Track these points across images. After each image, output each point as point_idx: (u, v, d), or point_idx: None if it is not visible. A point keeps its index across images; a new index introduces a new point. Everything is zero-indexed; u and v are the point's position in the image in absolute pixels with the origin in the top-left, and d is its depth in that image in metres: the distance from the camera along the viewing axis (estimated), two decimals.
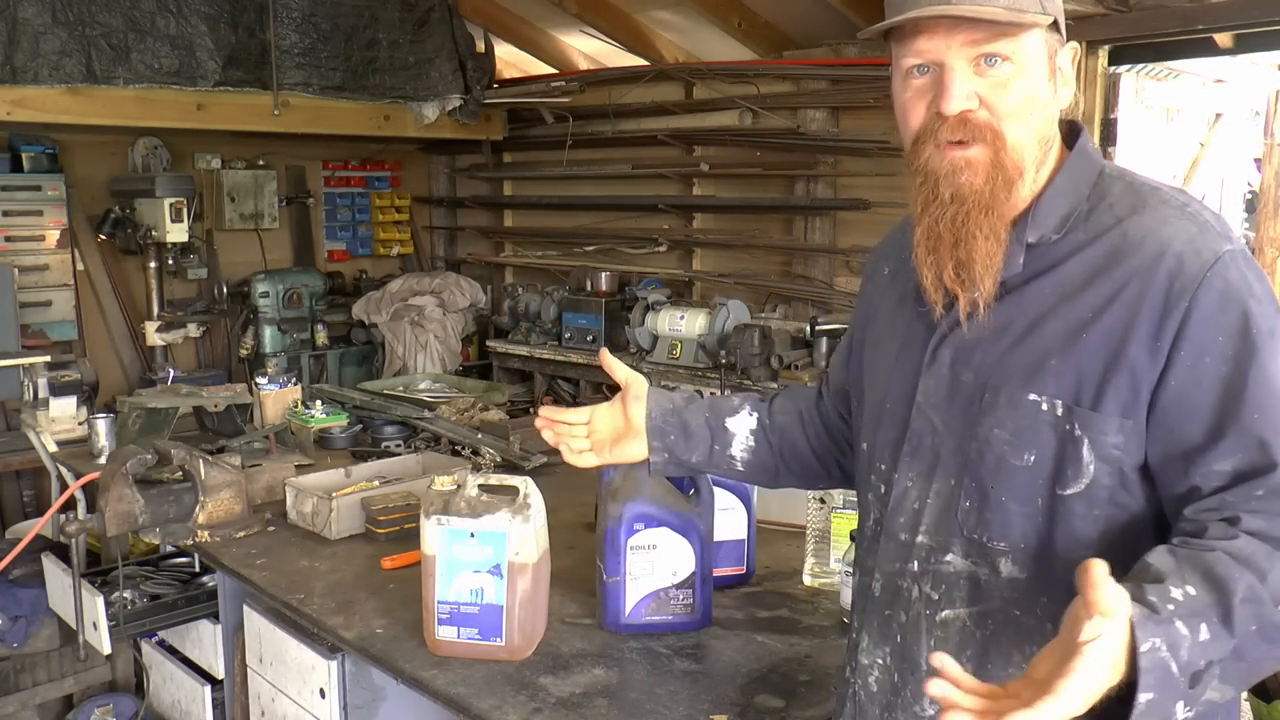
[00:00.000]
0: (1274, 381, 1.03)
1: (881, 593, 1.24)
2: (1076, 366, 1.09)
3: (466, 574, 1.72)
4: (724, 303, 4.35)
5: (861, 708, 1.26)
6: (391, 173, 6.19)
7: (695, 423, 1.52)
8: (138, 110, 4.27)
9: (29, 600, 3.24)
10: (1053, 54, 1.15)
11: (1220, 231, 1.09)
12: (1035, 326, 1.12)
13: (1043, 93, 1.13)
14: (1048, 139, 1.16)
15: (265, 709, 2.24)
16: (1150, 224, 1.10)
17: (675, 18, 4.98)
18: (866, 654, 1.25)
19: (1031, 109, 1.12)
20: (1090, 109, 3.72)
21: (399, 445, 3.14)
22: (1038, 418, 1.10)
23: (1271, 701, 2.98)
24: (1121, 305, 1.07)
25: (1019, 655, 1.12)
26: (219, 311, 5.24)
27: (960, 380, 1.17)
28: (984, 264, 1.13)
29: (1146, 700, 0.89)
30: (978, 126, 1.11)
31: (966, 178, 1.12)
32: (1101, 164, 1.18)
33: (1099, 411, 1.07)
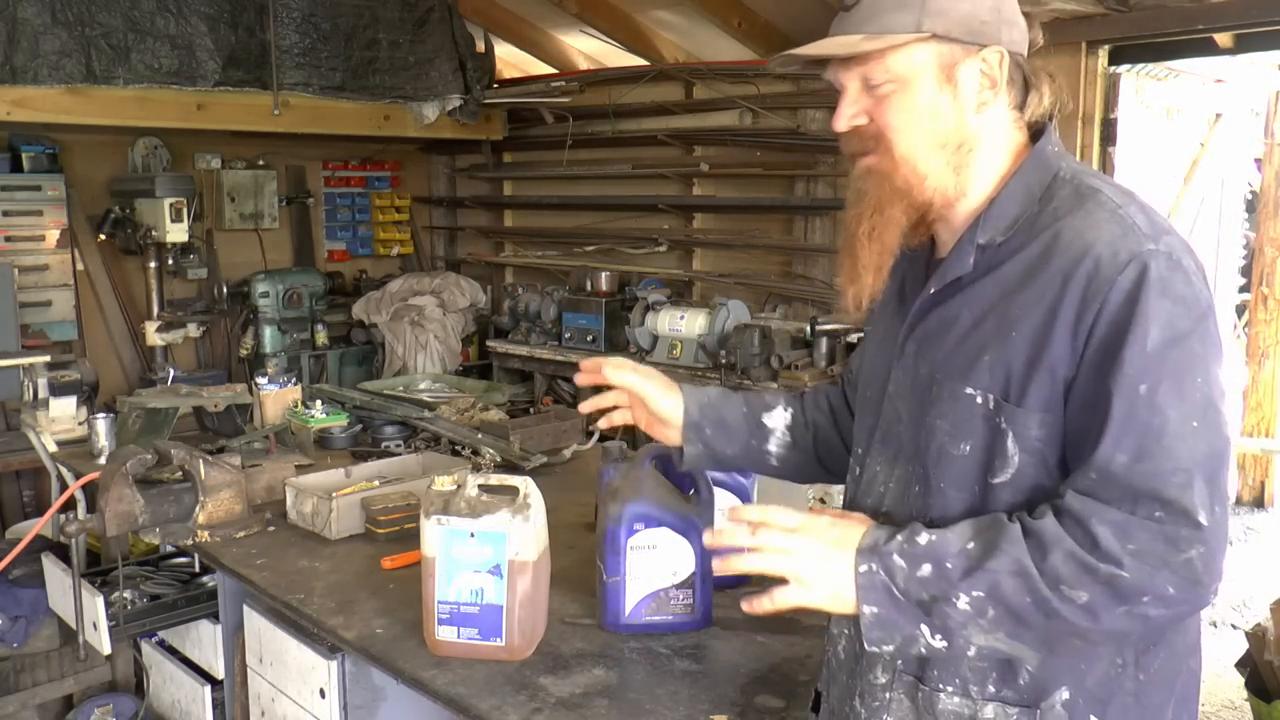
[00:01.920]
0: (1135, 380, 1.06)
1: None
2: (1006, 362, 1.14)
3: (466, 574, 1.72)
4: (724, 303, 4.36)
5: (834, 674, 1.36)
6: (391, 173, 6.19)
7: (732, 418, 1.59)
8: (138, 110, 4.27)
9: (29, 600, 3.24)
10: (949, 65, 1.19)
11: (1147, 233, 1.11)
12: (978, 323, 1.18)
13: (931, 104, 1.19)
14: (959, 145, 1.20)
15: (265, 709, 2.24)
16: (1079, 226, 1.14)
17: (675, 18, 4.98)
18: (836, 625, 1.35)
19: (918, 120, 1.19)
20: (1090, 109, 3.72)
21: (399, 445, 3.14)
22: (973, 410, 1.17)
23: (1271, 701, 2.98)
24: (1046, 305, 1.12)
25: None
26: (219, 311, 5.24)
27: (920, 372, 1.24)
28: (865, 263, 1.23)
29: (871, 612, 1.12)
30: (867, 137, 1.22)
31: (863, 183, 1.24)
32: (1058, 166, 1.22)
33: (1022, 406, 1.13)
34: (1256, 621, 3.24)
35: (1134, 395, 1.07)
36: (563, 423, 3.16)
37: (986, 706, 1.16)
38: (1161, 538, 1.05)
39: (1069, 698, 1.15)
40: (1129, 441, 1.07)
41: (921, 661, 1.20)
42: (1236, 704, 3.66)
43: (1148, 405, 1.06)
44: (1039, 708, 1.15)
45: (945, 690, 1.19)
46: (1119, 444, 1.07)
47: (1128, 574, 1.04)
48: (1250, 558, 5.16)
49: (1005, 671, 1.16)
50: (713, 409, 1.58)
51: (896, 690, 1.23)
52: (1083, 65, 3.69)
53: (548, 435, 3.08)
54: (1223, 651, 3.99)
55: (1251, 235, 6.09)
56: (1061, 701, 1.14)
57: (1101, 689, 1.15)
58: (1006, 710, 1.16)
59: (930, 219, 1.25)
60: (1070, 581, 1.06)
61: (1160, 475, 1.06)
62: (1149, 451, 1.06)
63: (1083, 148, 3.75)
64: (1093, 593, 1.05)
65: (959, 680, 1.18)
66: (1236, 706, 3.66)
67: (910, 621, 1.12)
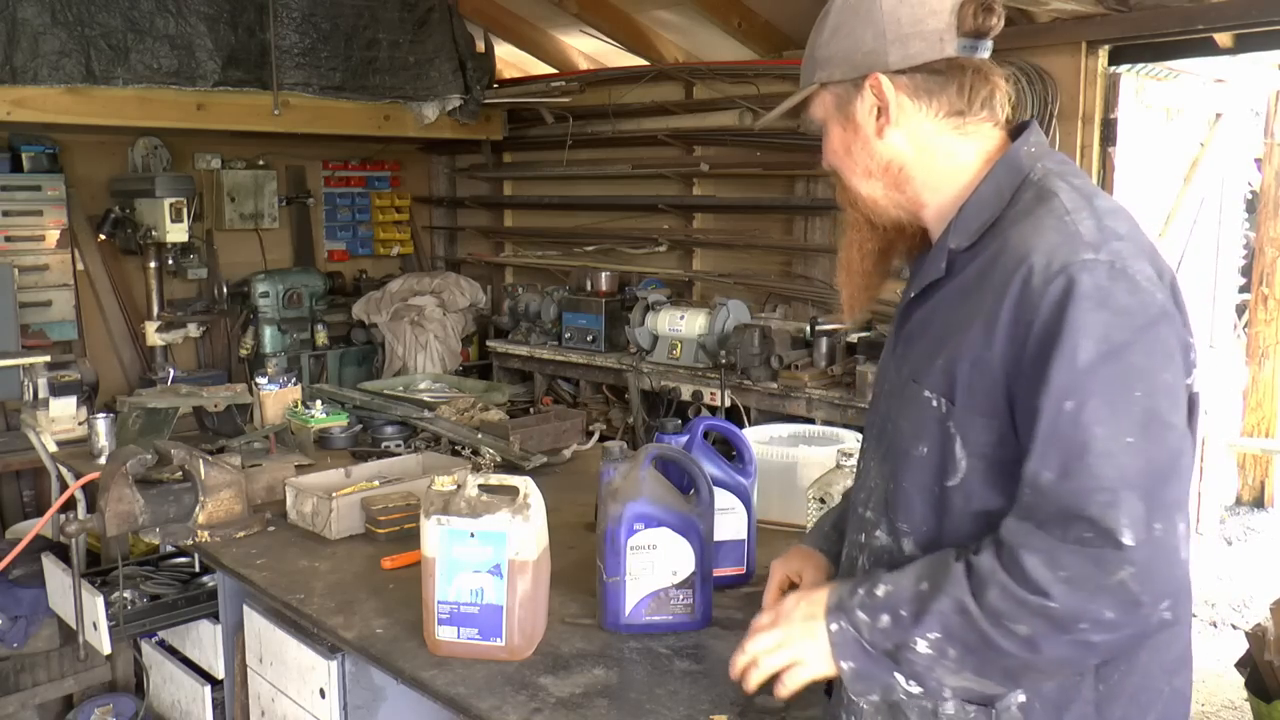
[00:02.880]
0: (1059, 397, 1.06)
1: (845, 560, 1.40)
2: (952, 366, 1.16)
3: (466, 574, 1.72)
4: (724, 303, 4.35)
5: None
6: (391, 173, 6.19)
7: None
8: (138, 110, 4.27)
9: (29, 600, 3.24)
10: (843, 104, 1.27)
11: (1089, 241, 1.09)
12: (939, 326, 1.22)
13: (843, 141, 1.29)
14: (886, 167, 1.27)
15: (265, 709, 2.24)
16: (1025, 232, 1.14)
17: (675, 18, 4.98)
18: None
19: (842, 159, 1.30)
20: (1090, 109, 3.72)
21: (399, 445, 3.14)
22: (928, 412, 1.19)
23: (1271, 701, 2.98)
24: (987, 311, 1.13)
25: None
26: (219, 311, 5.24)
27: (901, 373, 1.28)
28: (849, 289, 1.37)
29: (849, 667, 1.18)
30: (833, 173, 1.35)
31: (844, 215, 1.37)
32: (1029, 168, 1.21)
33: (968, 410, 1.15)
34: (1256, 621, 3.24)
35: (1058, 412, 1.06)
36: (563, 423, 3.16)
37: (947, 703, 1.18)
38: (1090, 561, 1.03)
39: (1025, 701, 1.16)
40: (1054, 459, 1.06)
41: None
42: (1236, 704, 3.66)
43: (1072, 422, 1.05)
44: (995, 708, 1.17)
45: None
46: (1045, 461, 1.07)
47: (1056, 604, 1.04)
48: (1250, 558, 5.16)
49: None
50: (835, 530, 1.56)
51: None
52: (1083, 65, 3.69)
53: (548, 435, 3.08)
54: (1223, 651, 3.99)
55: (1251, 235, 6.08)
56: (1018, 704, 1.16)
57: (1059, 696, 1.15)
58: (965, 707, 1.18)
59: (911, 232, 1.31)
60: (1009, 616, 1.07)
61: (1084, 494, 1.04)
62: (1073, 470, 1.05)
63: (1083, 148, 3.75)
64: (1031, 625, 1.06)
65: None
66: (1236, 706, 3.66)
67: (884, 671, 1.16)
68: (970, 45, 1.22)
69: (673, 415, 4.12)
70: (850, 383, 3.86)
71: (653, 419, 4.39)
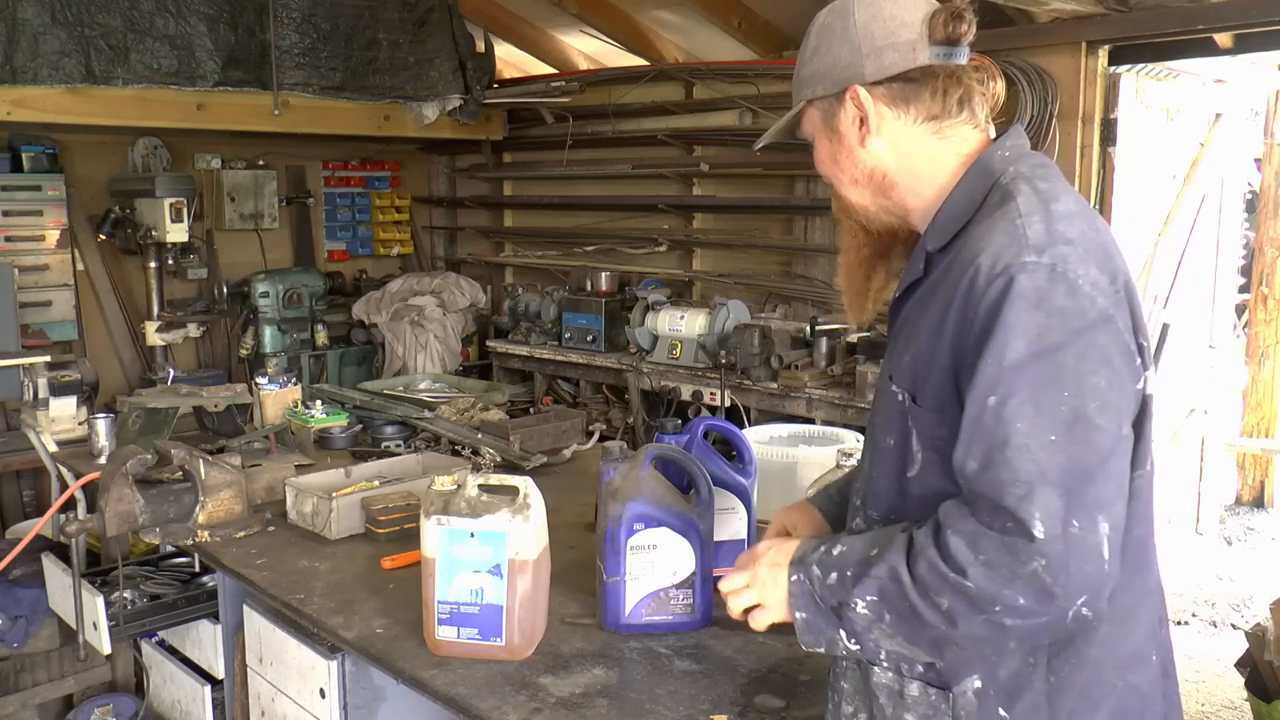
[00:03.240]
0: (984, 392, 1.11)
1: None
2: (914, 363, 1.23)
3: (466, 574, 1.72)
4: (724, 303, 4.35)
5: None
6: (391, 173, 6.19)
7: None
8: (138, 110, 4.27)
9: (29, 600, 3.24)
10: (828, 118, 1.33)
11: (1035, 245, 1.12)
12: (910, 326, 1.27)
13: (831, 153, 1.35)
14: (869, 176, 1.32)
15: (265, 709, 2.24)
16: (979, 234, 1.19)
17: (675, 18, 4.98)
18: None
19: (832, 171, 1.36)
20: (1090, 109, 3.72)
21: (399, 445, 3.14)
22: (895, 406, 1.26)
23: (1271, 701, 2.98)
24: (940, 311, 1.19)
25: None
26: (219, 311, 5.24)
27: (883, 371, 1.36)
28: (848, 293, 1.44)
29: (801, 618, 1.26)
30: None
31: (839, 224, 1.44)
32: (1001, 172, 1.25)
33: (922, 406, 1.22)
34: (1256, 621, 3.24)
35: (983, 406, 1.11)
36: (563, 423, 3.16)
37: (912, 684, 1.24)
38: (1006, 549, 1.08)
39: (980, 686, 1.20)
40: (977, 450, 1.11)
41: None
42: (1236, 704, 3.66)
43: (994, 416, 1.10)
44: (952, 691, 1.22)
45: (880, 665, 1.27)
46: (969, 451, 1.12)
47: (972, 584, 1.09)
48: (1250, 558, 5.16)
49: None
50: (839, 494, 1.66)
51: (849, 662, 1.33)
52: (1083, 65, 3.69)
53: (548, 435, 3.08)
54: (1223, 651, 3.99)
55: (1251, 235, 6.09)
56: (973, 689, 1.21)
57: (1011, 683, 1.19)
58: (928, 690, 1.23)
59: (904, 235, 1.36)
60: (933, 589, 1.13)
61: (1000, 485, 1.09)
62: (993, 461, 1.10)
63: (1083, 148, 3.75)
64: (951, 600, 1.12)
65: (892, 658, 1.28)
66: (1236, 706, 3.66)
67: (830, 626, 1.24)
68: (944, 53, 1.26)
69: (673, 415, 4.12)
70: (850, 383, 3.86)
71: (653, 419, 4.39)
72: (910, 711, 1.24)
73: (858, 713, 1.32)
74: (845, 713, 1.33)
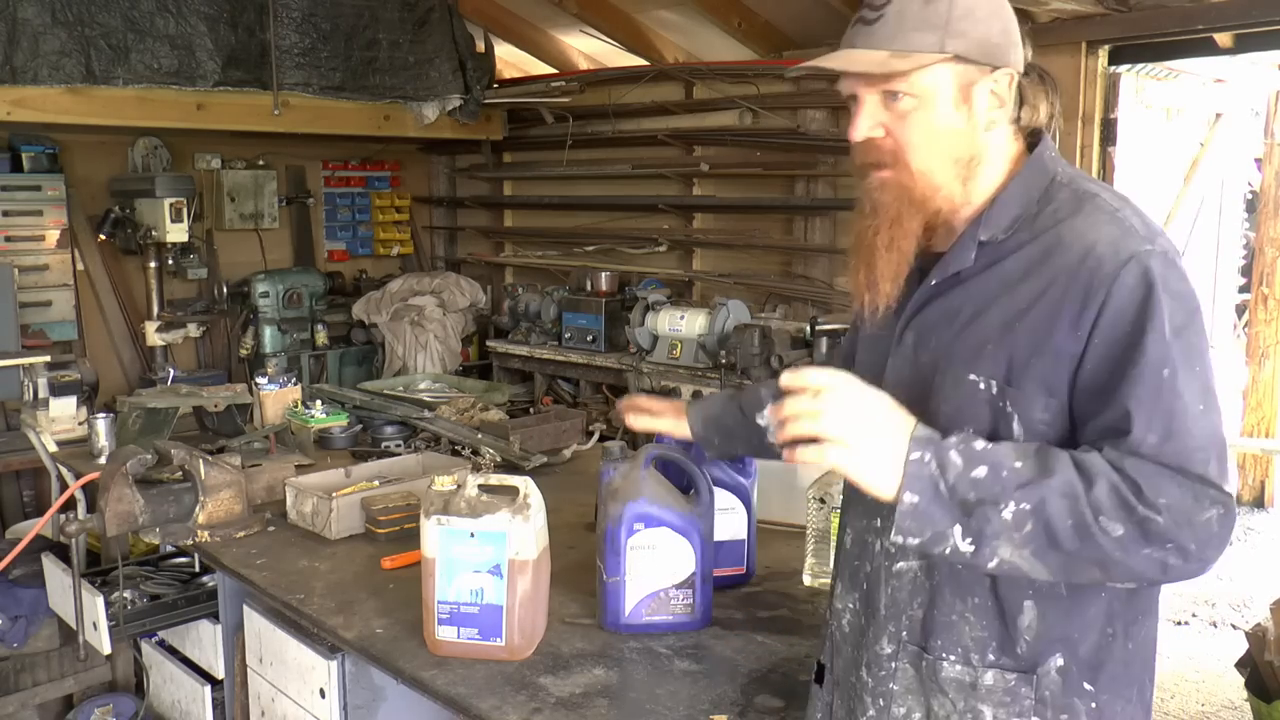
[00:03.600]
0: (1158, 366, 1.13)
1: (852, 546, 1.40)
2: (1009, 351, 1.21)
3: (466, 574, 1.72)
4: (724, 303, 4.35)
5: (837, 646, 1.41)
6: (391, 173, 6.19)
7: (733, 422, 1.78)
8: (138, 110, 4.27)
9: (29, 600, 3.24)
10: (966, 85, 1.25)
11: (1144, 235, 1.19)
12: (979, 314, 1.25)
13: (948, 122, 1.25)
14: (969, 159, 1.27)
15: (265, 709, 2.24)
16: (1081, 227, 1.21)
17: (675, 18, 4.98)
18: (840, 599, 1.41)
19: (935, 137, 1.25)
20: (1090, 109, 3.72)
21: (399, 445, 3.14)
22: (976, 396, 1.23)
23: (1272, 701, 2.98)
24: (1049, 298, 1.19)
25: (960, 604, 1.25)
26: (219, 311, 5.24)
27: (920, 361, 1.30)
28: (882, 272, 1.29)
29: (911, 501, 1.13)
30: (884, 152, 1.27)
31: (879, 195, 1.29)
32: (1055, 171, 1.29)
33: (1024, 390, 1.20)
34: (1256, 621, 3.24)
35: (1159, 380, 1.13)
36: (563, 423, 3.16)
37: (987, 673, 1.22)
38: (1190, 495, 1.10)
39: (1063, 664, 1.21)
40: (1157, 423, 1.12)
41: (927, 632, 1.27)
42: (1236, 704, 3.66)
43: (1170, 389, 1.13)
44: (1035, 673, 1.21)
45: (948, 659, 1.25)
46: (1150, 426, 1.12)
47: (1161, 519, 1.09)
48: (1250, 558, 5.16)
49: (1004, 640, 1.23)
50: (715, 421, 1.78)
51: (902, 660, 1.29)
52: (1083, 65, 3.69)
53: (548, 435, 3.08)
54: (1223, 651, 3.99)
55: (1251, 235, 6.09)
56: (1056, 668, 1.21)
57: (1094, 656, 1.22)
58: (1005, 676, 1.22)
59: (933, 225, 1.31)
60: (1109, 514, 1.10)
61: (1186, 453, 1.12)
62: (1174, 431, 1.12)
63: (1083, 148, 3.75)
64: (1126, 529, 1.10)
65: (961, 649, 1.24)
66: (1236, 706, 3.66)
67: (946, 519, 1.13)
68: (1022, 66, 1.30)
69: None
70: None
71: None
72: (984, 702, 1.22)
73: (911, 713, 1.28)
74: (896, 716, 1.29)
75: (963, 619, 1.24)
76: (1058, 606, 1.21)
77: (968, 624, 1.24)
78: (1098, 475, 1.11)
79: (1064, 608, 1.21)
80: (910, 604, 1.29)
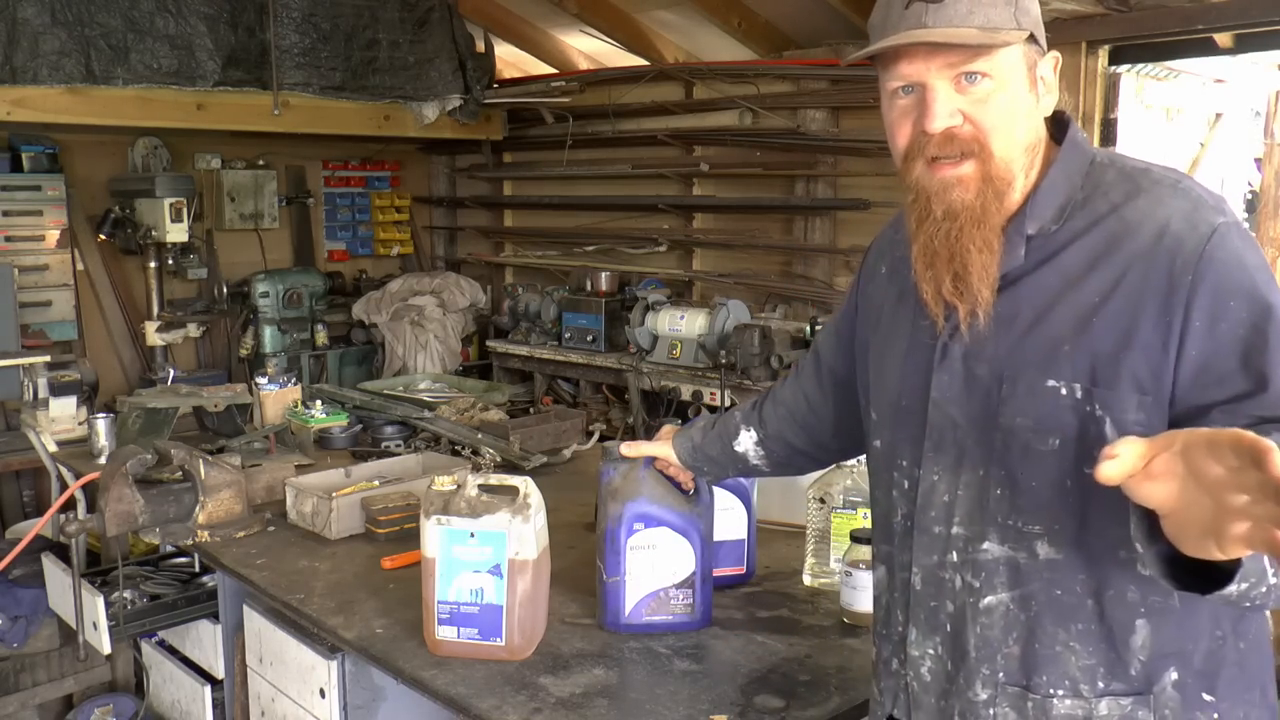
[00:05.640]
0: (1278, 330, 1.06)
1: (924, 586, 1.27)
2: (1090, 350, 1.12)
3: (466, 574, 1.72)
4: (724, 303, 4.35)
5: (916, 699, 1.29)
6: (391, 173, 6.19)
7: (715, 451, 1.76)
8: (138, 110, 4.27)
9: (29, 600, 3.24)
10: (1032, 65, 1.19)
11: (1214, 205, 1.13)
12: (1043, 315, 1.16)
13: (1024, 104, 1.18)
14: (1034, 144, 1.21)
15: (265, 709, 2.24)
16: (1146, 206, 1.14)
17: (675, 18, 4.98)
18: (917, 646, 1.28)
19: (1014, 121, 1.17)
20: (1090, 109, 3.72)
21: (399, 445, 3.14)
22: (1058, 403, 1.14)
23: None
24: (1128, 287, 1.11)
25: (1064, 634, 1.17)
26: (219, 311, 5.24)
27: (975, 374, 1.21)
28: (979, 275, 1.18)
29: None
30: (964, 141, 1.16)
31: (958, 194, 1.17)
32: (1092, 153, 1.23)
33: (1116, 390, 1.11)
34: None
35: None
36: (563, 423, 3.16)
37: (1100, 703, 1.16)
38: None
39: (1178, 678, 1.15)
40: None
41: (1028, 669, 1.18)
42: None
43: None
44: (1151, 693, 1.15)
45: (1056, 694, 1.17)
46: None
47: None
48: None
49: (1114, 665, 1.16)
50: (699, 451, 1.77)
51: (1001, 704, 1.20)
52: (1083, 65, 3.69)
53: (548, 435, 3.08)
54: None
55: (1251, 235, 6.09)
56: (1172, 683, 1.15)
57: (1207, 664, 1.16)
58: (1120, 703, 1.15)
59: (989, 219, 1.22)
60: None
61: None
62: None
63: None
64: None
65: (1069, 681, 1.17)
66: None
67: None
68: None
69: (673, 415, 4.11)
70: None
71: (653, 419, 4.39)
72: None
73: None
74: None
75: (1068, 649, 1.16)
76: (1170, 619, 1.15)
77: (1073, 654, 1.16)
78: None
79: (1176, 619, 1.15)
80: (1005, 641, 1.19)
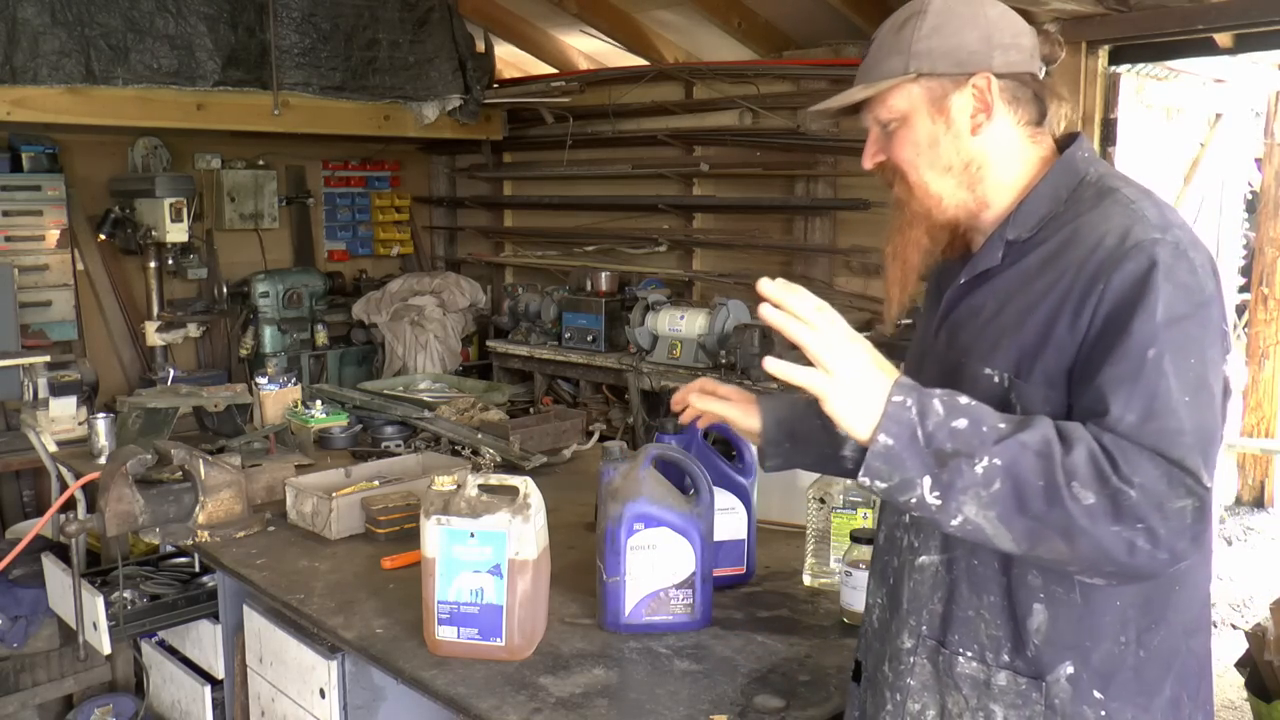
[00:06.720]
0: (1142, 346, 1.12)
1: (884, 542, 1.43)
2: (1019, 344, 1.23)
3: (466, 574, 1.72)
4: (724, 303, 4.35)
5: (868, 643, 1.45)
6: (391, 173, 6.19)
7: (809, 429, 1.60)
8: (138, 110, 4.27)
9: (29, 600, 3.24)
10: (938, 98, 1.30)
11: (1155, 224, 1.19)
12: (1001, 309, 1.28)
13: (929, 134, 1.31)
14: (965, 165, 1.31)
15: (265, 709, 2.24)
16: (1094, 220, 1.23)
17: (675, 18, 4.98)
18: (871, 595, 1.46)
19: (919, 152, 1.32)
20: (1090, 109, 3.72)
21: (399, 445, 3.14)
22: (990, 389, 1.24)
23: (1271, 701, 2.98)
24: (1059, 290, 1.21)
25: (976, 601, 1.27)
26: (219, 311, 5.24)
27: (948, 358, 1.33)
28: (892, 279, 1.38)
29: (885, 443, 1.12)
30: (888, 171, 1.37)
31: (893, 211, 1.40)
32: (1085, 172, 1.30)
33: (1030, 383, 1.21)
34: (1256, 621, 3.24)
35: (1142, 359, 1.12)
36: (563, 423, 3.16)
37: (1000, 673, 1.24)
38: (1165, 480, 1.08)
39: (1073, 672, 1.21)
40: (1137, 403, 1.11)
41: (945, 627, 1.29)
42: (1236, 704, 3.66)
43: (1155, 368, 1.12)
44: (1045, 680, 1.22)
45: (964, 655, 1.27)
46: (1128, 405, 1.11)
47: (1134, 494, 1.07)
48: (1250, 558, 5.16)
49: (1016, 642, 1.24)
50: (787, 425, 1.61)
51: (920, 654, 1.31)
52: (1083, 65, 3.69)
53: (548, 435, 3.08)
54: (1223, 651, 3.99)
55: (1251, 235, 6.09)
56: (1066, 675, 1.21)
57: (1105, 665, 1.21)
58: (1017, 679, 1.23)
59: (962, 231, 1.36)
60: (1083, 481, 1.08)
61: (1167, 435, 1.10)
62: (1156, 412, 1.11)
63: None
64: (1098, 499, 1.08)
65: (977, 647, 1.26)
66: (1236, 706, 3.66)
67: (918, 467, 1.12)
68: (1043, 69, 1.34)
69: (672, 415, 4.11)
70: None
71: (653, 419, 4.39)
72: (997, 702, 1.24)
73: (926, 709, 1.30)
74: (911, 711, 1.31)
75: (979, 616, 1.26)
76: (1070, 612, 1.21)
77: (983, 621, 1.25)
78: (1077, 441, 1.10)
79: (1075, 614, 1.21)
80: (931, 598, 1.30)
